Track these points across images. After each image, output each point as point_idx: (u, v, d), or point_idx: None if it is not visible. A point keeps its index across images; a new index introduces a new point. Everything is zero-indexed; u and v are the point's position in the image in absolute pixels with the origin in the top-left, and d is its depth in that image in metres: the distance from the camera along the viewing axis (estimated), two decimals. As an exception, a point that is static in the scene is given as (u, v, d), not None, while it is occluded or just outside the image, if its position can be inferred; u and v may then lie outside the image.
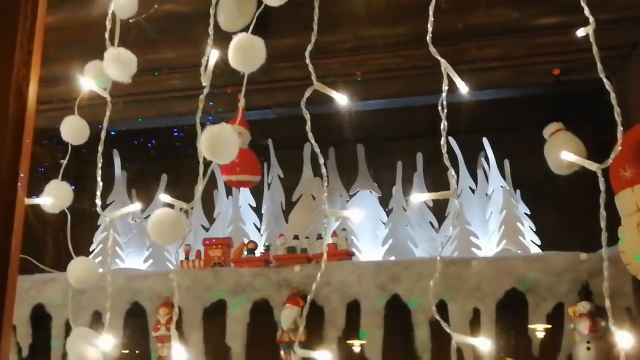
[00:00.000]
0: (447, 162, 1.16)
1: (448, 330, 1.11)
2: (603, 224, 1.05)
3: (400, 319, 1.95)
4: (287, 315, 1.91)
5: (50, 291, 2.14)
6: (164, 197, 1.29)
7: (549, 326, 1.99)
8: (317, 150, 1.13)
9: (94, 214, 2.25)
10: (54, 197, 1.45)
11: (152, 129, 2.35)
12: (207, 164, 1.18)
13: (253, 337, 2.03)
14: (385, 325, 1.94)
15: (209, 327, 2.04)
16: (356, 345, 2.14)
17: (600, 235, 1.94)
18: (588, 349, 1.77)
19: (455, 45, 1.94)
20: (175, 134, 2.46)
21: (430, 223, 2.28)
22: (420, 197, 1.18)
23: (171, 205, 1.23)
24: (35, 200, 1.42)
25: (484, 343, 1.24)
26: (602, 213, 1.05)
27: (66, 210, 1.52)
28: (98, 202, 1.34)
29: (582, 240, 1.90)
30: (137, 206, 1.34)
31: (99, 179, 1.31)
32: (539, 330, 2.06)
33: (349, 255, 2.08)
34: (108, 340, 1.36)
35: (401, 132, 2.38)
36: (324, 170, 1.13)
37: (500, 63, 1.99)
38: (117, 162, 2.42)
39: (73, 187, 1.45)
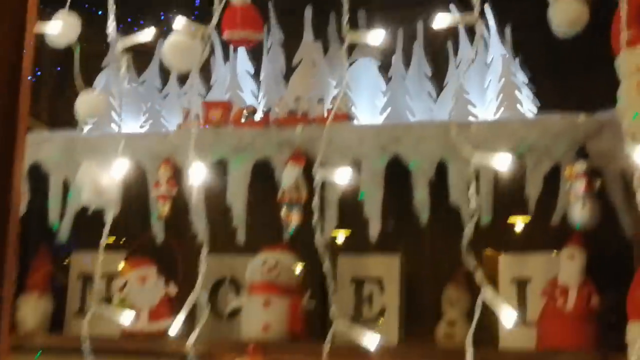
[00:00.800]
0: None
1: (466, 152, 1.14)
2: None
3: (400, 180, 1.99)
4: (289, 174, 1.94)
5: (47, 149, 2.14)
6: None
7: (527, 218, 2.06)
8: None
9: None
10: (62, 27, 1.43)
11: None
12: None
13: (254, 197, 2.06)
14: (385, 186, 1.98)
15: (209, 187, 2.06)
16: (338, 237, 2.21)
17: (597, 100, 1.97)
18: (583, 207, 1.82)
19: None
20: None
21: (429, 93, 2.30)
22: (445, 18, 1.18)
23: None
24: (44, 28, 1.40)
25: (503, 160, 1.28)
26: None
27: (72, 47, 1.51)
28: (112, 25, 1.33)
29: (580, 107, 1.94)
30: (150, 33, 1.32)
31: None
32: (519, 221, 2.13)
33: (349, 118, 2.10)
34: (122, 165, 1.38)
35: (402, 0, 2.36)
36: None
37: None
38: (112, 25, 2.35)
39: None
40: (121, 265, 2.16)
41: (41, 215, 2.19)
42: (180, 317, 1.80)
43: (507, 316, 1.32)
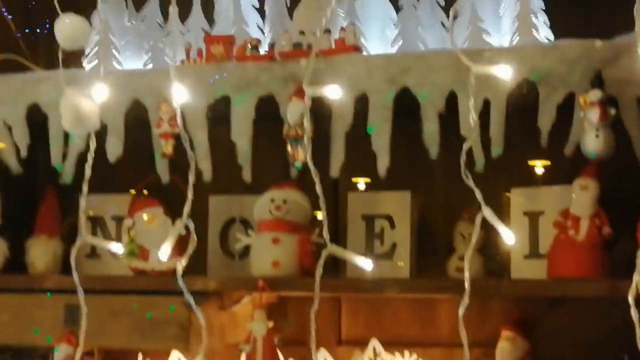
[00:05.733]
0: None
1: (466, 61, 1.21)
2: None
3: (409, 113, 2.06)
4: (294, 109, 2.01)
5: (45, 90, 2.23)
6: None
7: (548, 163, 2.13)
8: None
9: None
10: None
11: None
12: None
13: (259, 134, 2.15)
14: (393, 119, 2.05)
15: (213, 124, 2.16)
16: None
17: (617, 26, 2.00)
18: (597, 136, 1.87)
19: None
20: None
21: (442, 24, 2.34)
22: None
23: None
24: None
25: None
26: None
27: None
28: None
29: (599, 34, 1.97)
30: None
31: None
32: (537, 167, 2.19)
33: (358, 49, 2.15)
34: (101, 91, 1.46)
35: None
36: None
37: None
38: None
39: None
40: (128, 206, 2.28)
41: (46, 158, 2.31)
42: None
43: (506, 236, 1.41)
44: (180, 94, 1.91)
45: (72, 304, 2.14)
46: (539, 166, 2.21)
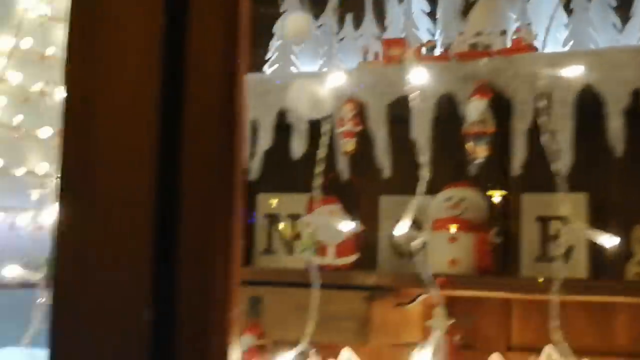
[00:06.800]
0: None
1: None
2: None
3: (591, 110, 2.06)
4: (475, 107, 2.06)
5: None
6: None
7: None
8: None
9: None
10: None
11: None
12: None
13: (437, 131, 2.21)
14: (576, 117, 2.06)
15: (393, 123, 2.23)
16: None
17: None
18: None
19: None
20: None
21: (613, 25, 2.33)
22: None
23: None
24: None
25: None
26: None
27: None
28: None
29: None
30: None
31: None
32: None
33: (534, 49, 2.19)
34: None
35: None
36: None
37: None
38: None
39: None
40: (306, 203, 2.38)
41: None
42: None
43: None
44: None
45: (256, 296, 2.24)
46: None
